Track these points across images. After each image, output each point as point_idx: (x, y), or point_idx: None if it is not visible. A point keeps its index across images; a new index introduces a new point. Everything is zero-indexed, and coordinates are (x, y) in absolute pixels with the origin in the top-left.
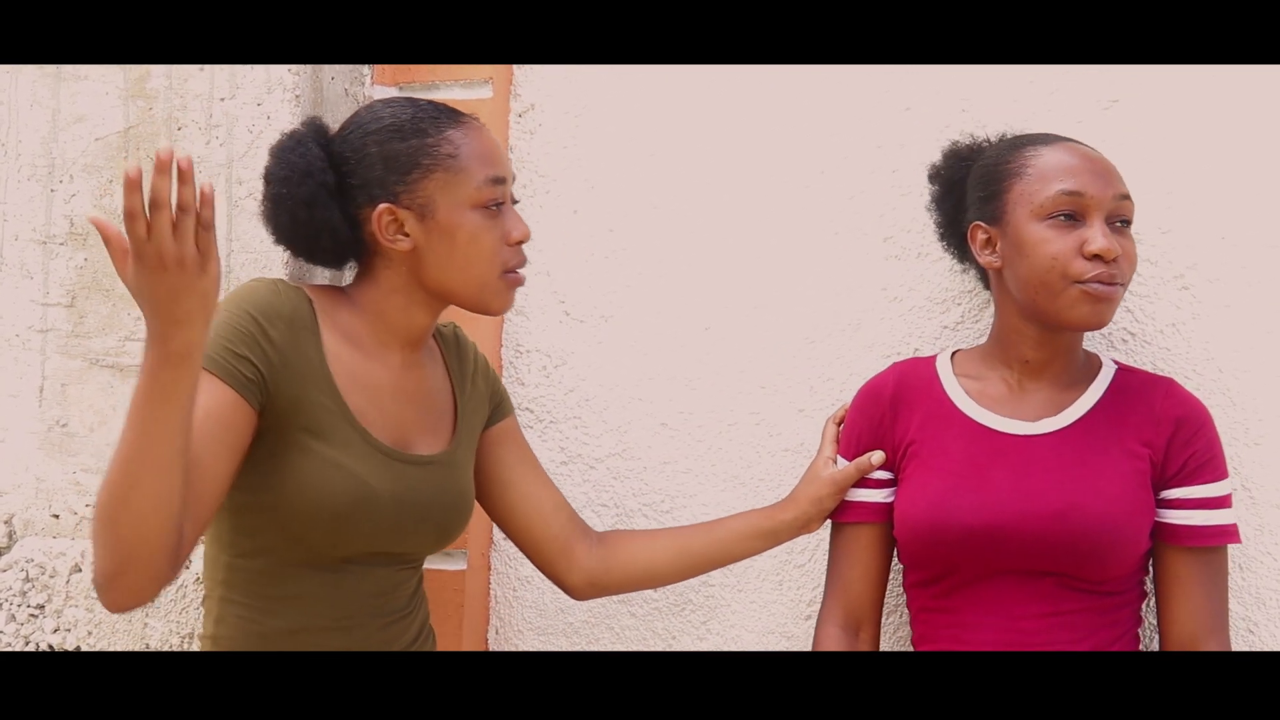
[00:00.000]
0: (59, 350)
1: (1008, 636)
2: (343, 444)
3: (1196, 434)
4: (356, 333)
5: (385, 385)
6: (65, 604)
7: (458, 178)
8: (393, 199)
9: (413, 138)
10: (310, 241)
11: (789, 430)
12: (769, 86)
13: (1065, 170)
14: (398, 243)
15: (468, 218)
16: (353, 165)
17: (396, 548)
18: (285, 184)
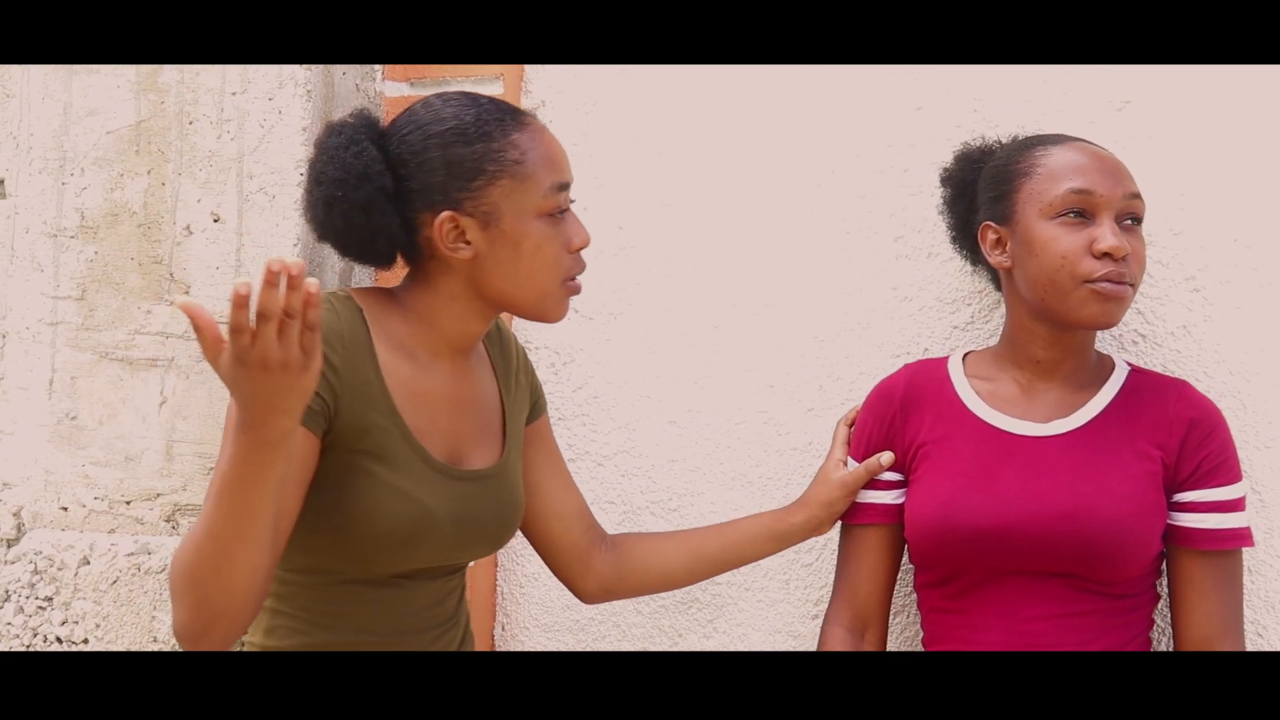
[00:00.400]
0: (69, 343)
1: (1016, 638)
2: (403, 467)
3: (1209, 436)
4: (408, 342)
5: (440, 397)
6: (73, 596)
7: (524, 185)
8: (456, 206)
9: (478, 142)
10: (363, 245)
11: (797, 429)
12: (779, 85)
13: (1075, 169)
14: (459, 251)
15: (533, 226)
16: (412, 169)
17: (452, 561)
18: (340, 186)
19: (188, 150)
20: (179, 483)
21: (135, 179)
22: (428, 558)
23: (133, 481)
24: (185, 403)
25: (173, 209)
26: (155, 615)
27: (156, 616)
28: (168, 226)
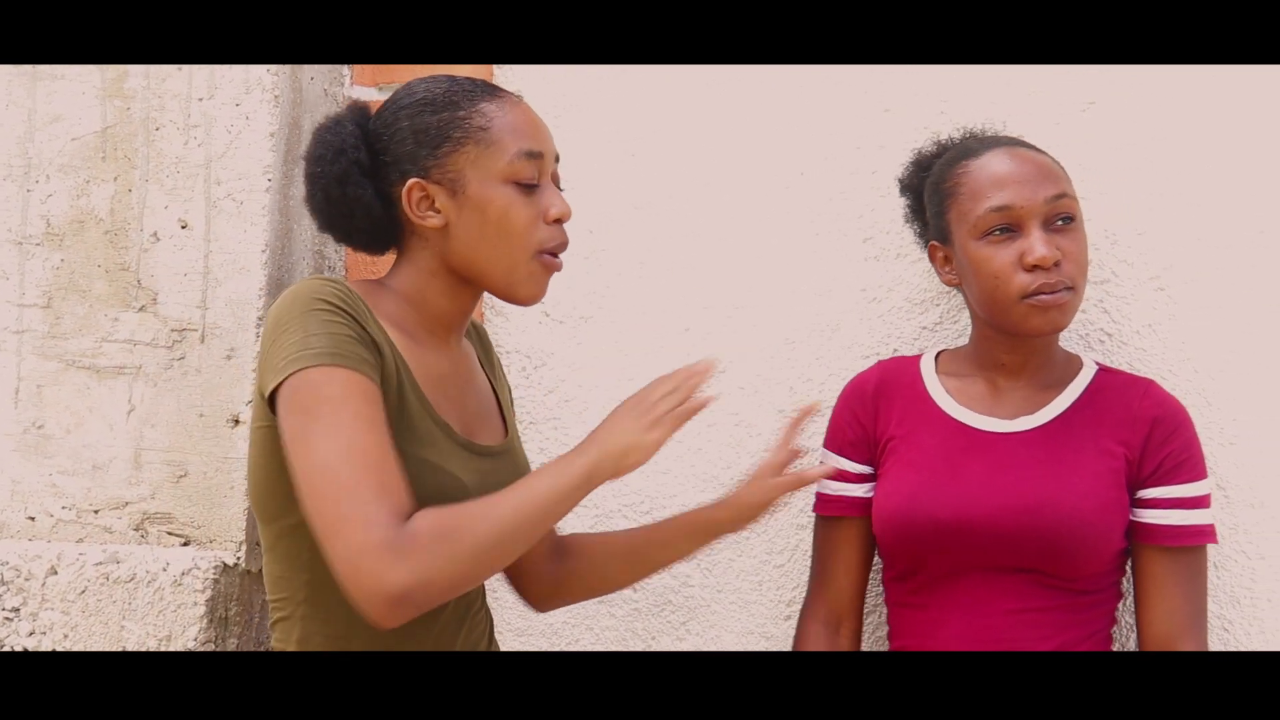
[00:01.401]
0: (35, 351)
1: (976, 632)
2: (430, 442)
3: (1173, 434)
4: (405, 324)
5: (447, 374)
6: (41, 606)
7: (489, 150)
8: (423, 174)
9: (444, 110)
10: (345, 221)
11: (769, 431)
12: (749, 88)
13: (993, 184)
14: (428, 219)
15: (499, 192)
16: (386, 141)
17: None
18: (320, 162)
19: (154, 156)
20: (147, 491)
21: (101, 186)
22: None
23: (100, 490)
24: (153, 411)
25: (139, 216)
26: (124, 625)
27: (125, 626)
28: (134, 233)
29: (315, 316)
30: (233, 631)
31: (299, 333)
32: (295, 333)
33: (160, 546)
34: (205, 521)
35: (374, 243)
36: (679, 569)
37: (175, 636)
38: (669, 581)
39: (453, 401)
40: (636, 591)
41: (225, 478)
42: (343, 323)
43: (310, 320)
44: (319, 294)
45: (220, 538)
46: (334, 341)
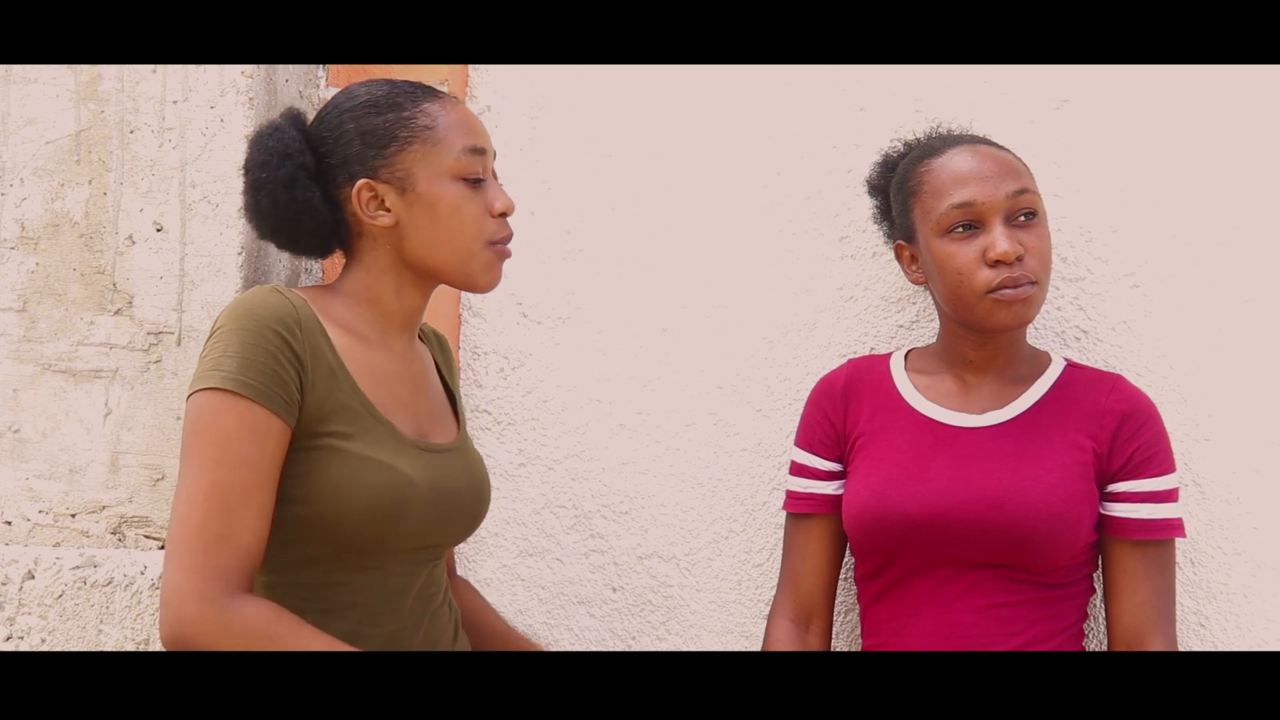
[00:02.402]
0: (10, 355)
1: (945, 629)
2: (376, 441)
3: (1142, 428)
4: (355, 324)
5: (396, 373)
6: (18, 611)
7: (436, 149)
8: (371, 174)
9: (389, 111)
10: (292, 225)
11: (747, 430)
12: (725, 88)
13: (954, 181)
14: (379, 219)
15: (448, 188)
16: (330, 145)
17: (435, 539)
18: (264, 168)
19: (129, 159)
20: (125, 494)
21: (76, 189)
22: (413, 534)
23: (77, 494)
24: (130, 414)
25: (115, 219)
26: (101, 629)
27: (103, 630)
28: (110, 236)
29: (240, 336)
30: None
31: (218, 350)
32: (216, 349)
33: (138, 550)
34: None
35: (320, 246)
36: (658, 569)
37: (153, 640)
38: (648, 582)
39: (401, 401)
40: (616, 592)
41: None
42: (266, 347)
43: (233, 339)
44: (254, 310)
45: None
46: (245, 366)
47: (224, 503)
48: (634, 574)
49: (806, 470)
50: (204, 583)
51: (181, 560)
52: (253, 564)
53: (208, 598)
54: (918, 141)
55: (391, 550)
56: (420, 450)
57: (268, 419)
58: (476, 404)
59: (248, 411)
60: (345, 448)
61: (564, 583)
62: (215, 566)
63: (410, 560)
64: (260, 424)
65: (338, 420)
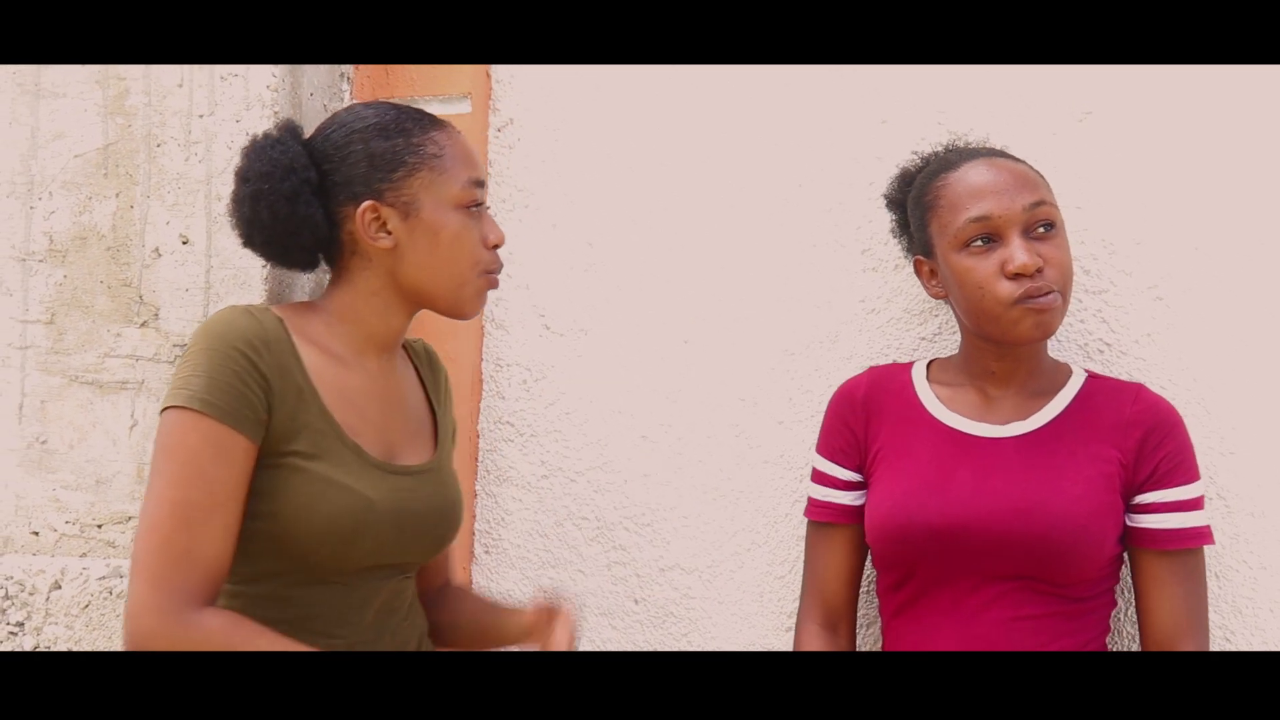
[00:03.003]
0: (38, 367)
1: (966, 642)
2: (339, 462)
3: (1167, 437)
4: (331, 344)
5: (369, 394)
6: (45, 621)
7: (442, 177)
8: (377, 196)
9: (397, 136)
10: (288, 239)
11: (768, 442)
12: (747, 100)
13: (971, 195)
14: (380, 241)
15: (451, 217)
16: (335, 162)
17: (398, 559)
18: (267, 179)
19: (156, 173)
20: None
21: (103, 202)
22: (371, 553)
23: (104, 505)
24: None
25: (141, 232)
26: None
27: None
28: (136, 249)
29: (207, 356)
30: None
31: (187, 369)
32: (185, 368)
33: None
34: None
35: (309, 261)
36: (680, 581)
37: None
38: (670, 594)
39: (371, 421)
40: (638, 604)
41: None
42: (231, 368)
43: (201, 359)
44: (222, 332)
45: None
46: (211, 386)
47: (187, 519)
48: (656, 586)
49: (827, 479)
50: (165, 597)
51: (145, 575)
52: (216, 579)
53: (167, 611)
54: (934, 155)
55: (351, 568)
56: (386, 473)
57: (232, 437)
58: (499, 416)
59: (212, 430)
60: (308, 468)
61: (586, 594)
62: (177, 581)
63: (372, 576)
64: (225, 442)
65: (303, 440)
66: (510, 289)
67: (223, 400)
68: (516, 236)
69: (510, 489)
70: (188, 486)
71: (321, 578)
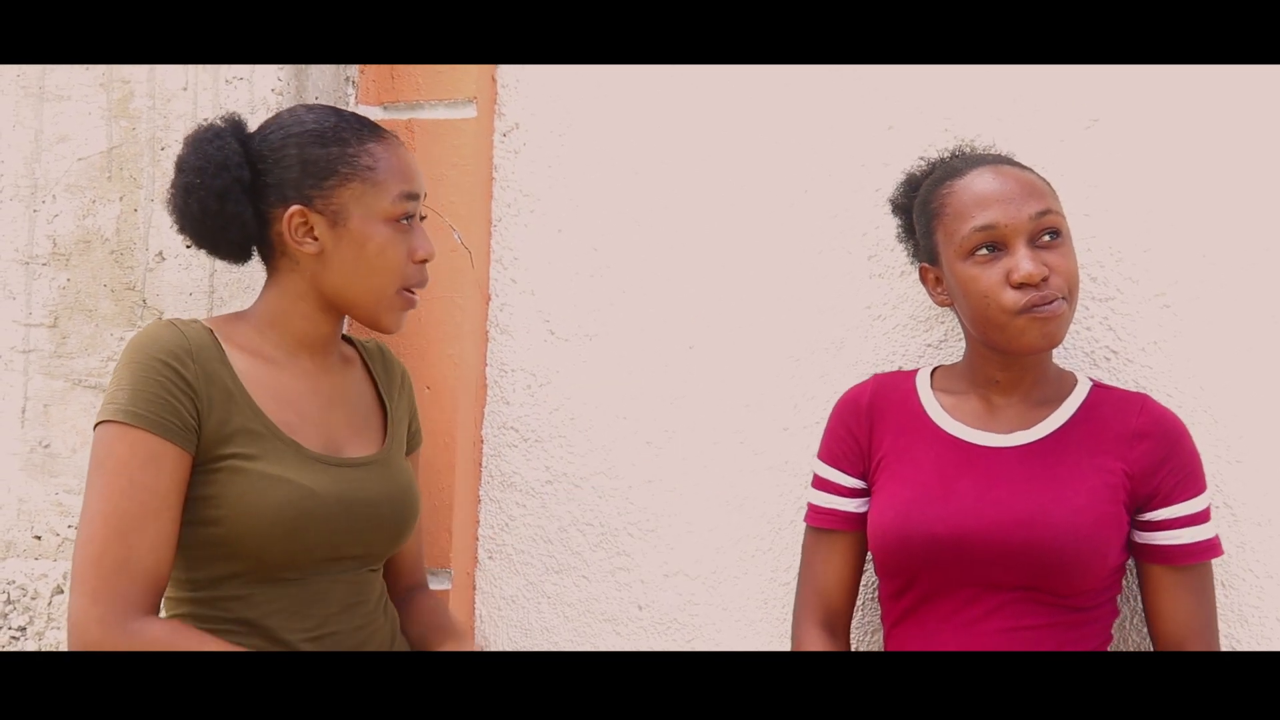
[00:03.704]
0: (41, 371)
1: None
2: (277, 459)
3: (1174, 449)
4: (263, 347)
5: (304, 392)
6: (47, 626)
7: (374, 190)
8: (306, 202)
9: (333, 145)
10: (217, 234)
11: (773, 449)
12: (753, 106)
13: (976, 204)
14: (305, 246)
15: (378, 230)
16: (269, 164)
17: (355, 550)
18: (199, 174)
19: (160, 176)
20: None
21: (107, 205)
22: (324, 545)
23: None
24: None
25: (145, 235)
26: None
27: None
28: (140, 253)
29: (131, 370)
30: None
31: (114, 384)
32: (113, 382)
33: None
34: None
35: (239, 255)
36: (684, 587)
37: None
38: (674, 599)
39: (309, 418)
40: (642, 610)
41: None
42: (156, 379)
43: (126, 373)
44: (145, 345)
45: None
46: (137, 398)
47: (121, 529)
48: (660, 592)
49: (829, 485)
50: (104, 609)
51: (83, 588)
52: (155, 586)
53: (108, 623)
54: (940, 161)
55: (304, 562)
56: (328, 465)
57: (162, 446)
58: (503, 421)
59: (140, 441)
60: (247, 467)
61: (590, 600)
62: (115, 592)
63: (331, 569)
64: (155, 451)
65: (239, 442)
66: (515, 294)
67: (149, 411)
68: (522, 241)
69: (514, 494)
70: (120, 497)
71: (274, 576)
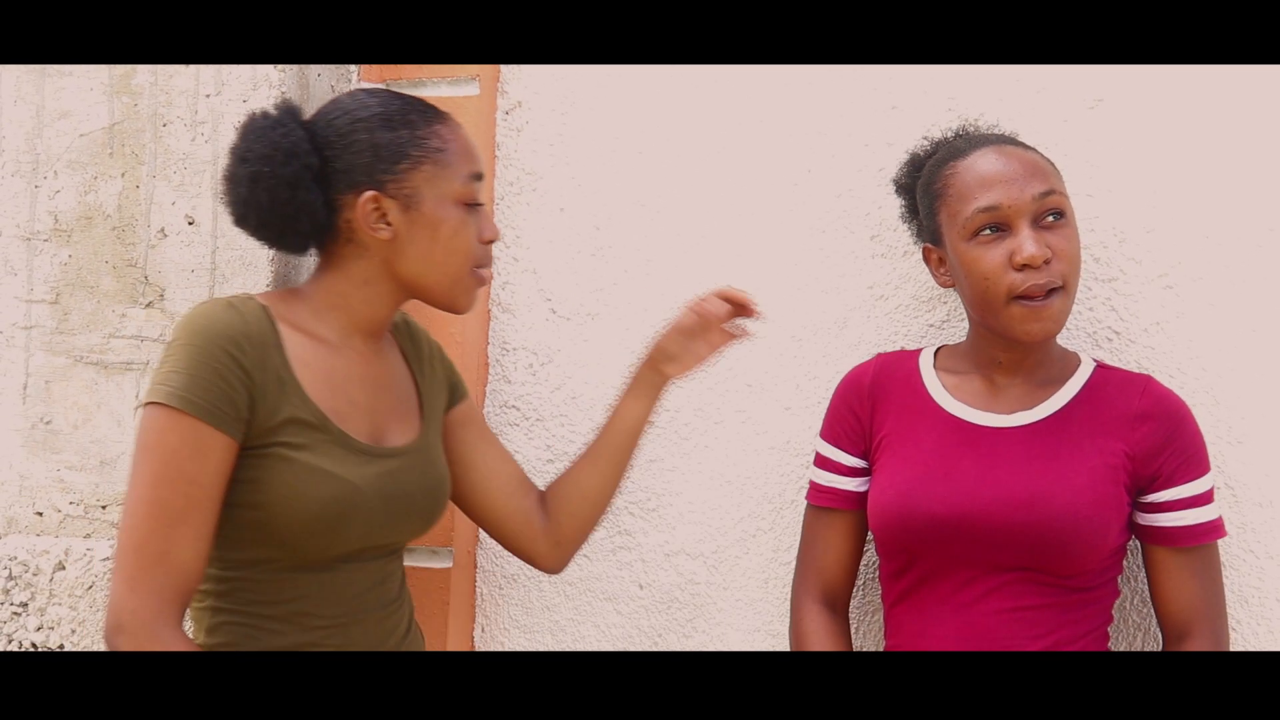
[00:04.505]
0: (43, 347)
1: (966, 631)
2: (324, 451)
3: (1177, 430)
4: (318, 330)
5: (354, 377)
6: (49, 602)
7: (444, 172)
8: (379, 187)
9: (402, 128)
10: (285, 224)
11: (775, 428)
12: (756, 85)
13: (980, 184)
14: (379, 232)
15: (451, 212)
16: (338, 150)
17: (386, 540)
18: (268, 163)
19: (162, 153)
20: None
21: (109, 182)
22: (361, 536)
23: (108, 486)
24: None
25: (147, 212)
26: None
27: None
28: (142, 229)
29: (190, 353)
30: None
31: (168, 365)
32: (166, 363)
33: None
34: None
35: (303, 246)
36: (685, 566)
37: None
38: (675, 579)
39: (357, 405)
40: (643, 589)
41: None
42: (212, 365)
43: (180, 355)
44: (204, 328)
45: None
46: (191, 384)
47: (166, 521)
48: (661, 571)
49: (830, 464)
50: (139, 602)
51: (123, 574)
52: (189, 583)
53: (140, 618)
54: (944, 141)
55: (338, 553)
56: (372, 456)
57: (211, 436)
58: (505, 400)
59: (191, 429)
60: (294, 458)
61: (591, 579)
62: (152, 585)
63: (360, 558)
64: (204, 442)
65: (288, 431)
66: (517, 273)
67: (203, 398)
68: (524, 220)
69: None
70: (167, 488)
71: (307, 564)
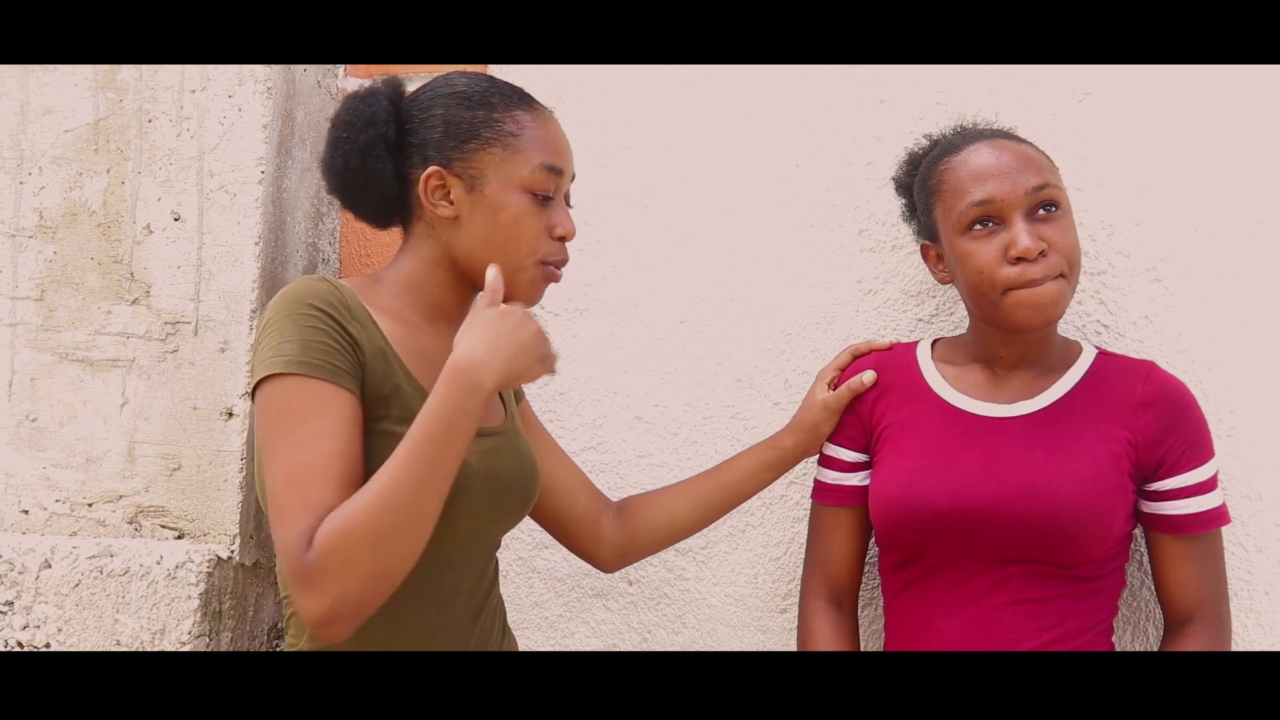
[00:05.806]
0: (28, 344)
1: (971, 623)
2: None
3: (1181, 417)
4: (401, 311)
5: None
6: (35, 600)
7: (514, 157)
8: (445, 164)
9: (479, 108)
10: (358, 191)
11: (764, 424)
12: (745, 80)
13: (973, 179)
14: (440, 208)
15: (515, 199)
16: (416, 123)
17: (491, 524)
18: (347, 129)
19: (147, 148)
20: (141, 484)
21: (94, 178)
22: (469, 517)
23: (94, 483)
24: (147, 404)
25: (132, 208)
26: (118, 618)
27: (119, 620)
28: (128, 226)
29: (294, 320)
30: (226, 625)
31: (276, 337)
32: (273, 336)
33: (154, 540)
34: (199, 515)
35: (380, 217)
36: (674, 562)
37: (169, 630)
38: (665, 575)
39: None
40: (632, 585)
41: (219, 470)
42: (320, 327)
43: (288, 324)
44: (303, 296)
45: (214, 531)
46: (305, 348)
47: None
48: (650, 567)
49: (835, 462)
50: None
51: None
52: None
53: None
54: (940, 137)
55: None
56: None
57: (336, 393)
58: None
59: (315, 391)
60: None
61: (580, 575)
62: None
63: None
64: (330, 398)
65: (394, 404)
66: None
67: (318, 358)
68: None
69: None
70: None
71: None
